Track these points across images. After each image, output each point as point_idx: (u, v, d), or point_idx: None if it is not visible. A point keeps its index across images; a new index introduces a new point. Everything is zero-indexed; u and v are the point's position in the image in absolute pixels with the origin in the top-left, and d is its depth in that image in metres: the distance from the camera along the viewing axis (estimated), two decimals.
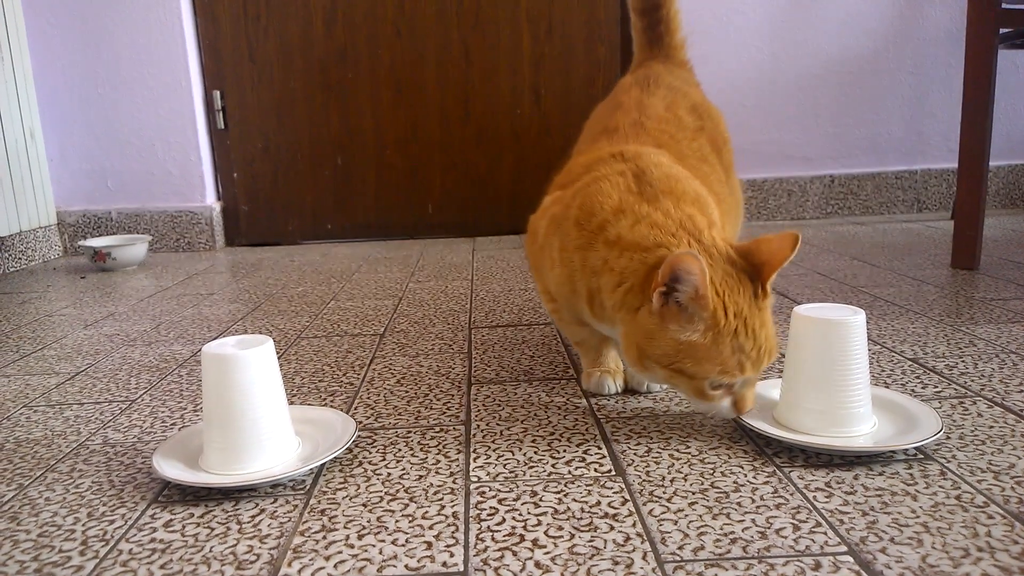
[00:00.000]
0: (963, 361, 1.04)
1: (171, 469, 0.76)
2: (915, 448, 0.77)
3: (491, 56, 2.45)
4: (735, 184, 1.11)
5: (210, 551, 0.65)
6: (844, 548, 0.60)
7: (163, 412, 0.99)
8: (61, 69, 2.33)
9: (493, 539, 0.64)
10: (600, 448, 0.82)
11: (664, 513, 0.67)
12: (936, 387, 0.95)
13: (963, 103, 1.56)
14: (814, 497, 0.69)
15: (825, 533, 0.63)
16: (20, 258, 2.23)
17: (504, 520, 0.67)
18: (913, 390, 0.94)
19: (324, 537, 0.66)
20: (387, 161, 2.50)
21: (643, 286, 0.77)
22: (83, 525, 0.70)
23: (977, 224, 1.58)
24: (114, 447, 0.88)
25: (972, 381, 0.96)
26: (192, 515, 0.71)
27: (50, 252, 2.38)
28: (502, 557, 0.62)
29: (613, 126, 0.99)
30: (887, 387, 0.95)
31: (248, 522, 0.69)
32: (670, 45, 1.23)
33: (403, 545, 0.64)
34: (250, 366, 0.76)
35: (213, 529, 0.68)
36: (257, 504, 0.72)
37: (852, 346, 0.77)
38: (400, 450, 0.83)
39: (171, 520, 0.70)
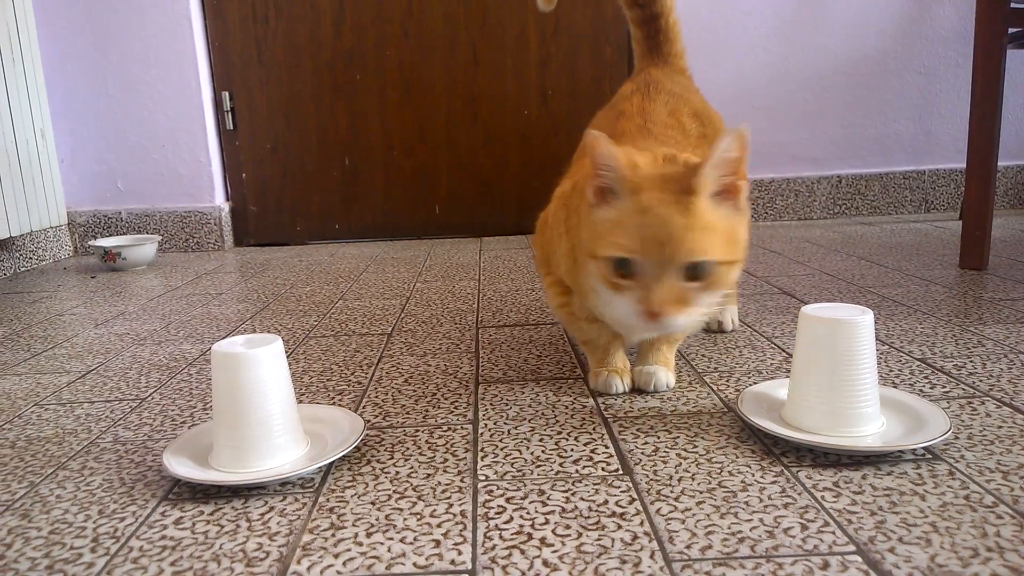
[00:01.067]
0: (971, 361, 1.04)
1: (181, 467, 0.76)
2: (923, 448, 0.77)
3: (498, 57, 2.46)
4: None
5: (220, 548, 0.65)
6: (852, 548, 0.60)
7: (173, 410, 1.00)
8: (72, 71, 2.34)
9: (501, 537, 0.65)
10: (607, 447, 0.82)
11: (672, 512, 0.67)
12: (944, 387, 0.95)
13: (972, 103, 1.56)
14: (822, 497, 0.69)
15: (833, 533, 0.63)
16: (31, 258, 2.25)
17: (512, 519, 0.68)
18: (921, 390, 0.94)
19: (333, 535, 0.66)
20: (394, 162, 2.51)
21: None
22: (94, 522, 0.71)
23: (986, 224, 1.57)
24: (124, 445, 0.89)
25: (980, 381, 0.96)
26: (202, 513, 0.71)
27: (61, 252, 2.40)
28: (510, 555, 0.62)
29: (619, 132, 0.99)
30: (895, 387, 0.95)
31: (257, 520, 0.69)
32: (670, 54, 1.24)
33: (411, 543, 0.64)
34: (259, 365, 0.76)
35: (223, 527, 0.69)
36: (266, 502, 0.73)
37: (860, 346, 0.77)
38: (408, 449, 0.84)
39: (181, 517, 0.71)
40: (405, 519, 0.68)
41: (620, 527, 0.65)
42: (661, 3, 1.22)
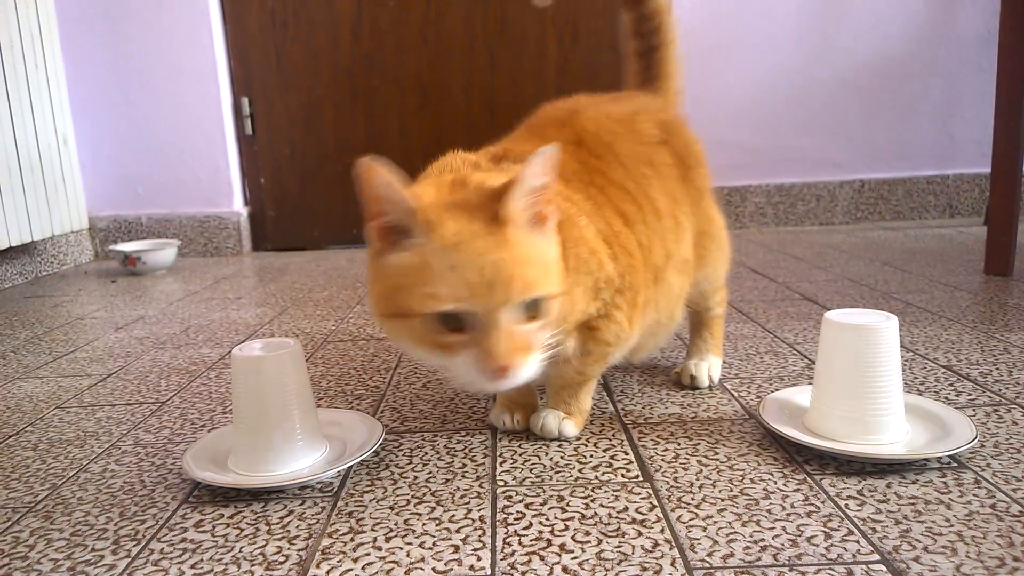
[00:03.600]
0: (997, 368, 1.02)
1: (201, 470, 0.77)
2: (949, 456, 0.75)
3: (516, 62, 2.46)
4: (709, 209, 0.99)
5: (240, 551, 0.65)
6: (877, 557, 0.59)
7: (193, 414, 1.01)
8: (93, 77, 2.37)
9: (520, 543, 0.64)
10: (627, 453, 0.81)
11: (693, 519, 0.67)
12: (970, 395, 0.93)
13: (996, 107, 1.53)
14: (846, 505, 0.68)
15: (857, 541, 0.62)
16: (52, 262, 2.27)
17: (531, 524, 0.67)
18: (946, 398, 0.92)
19: (352, 539, 0.66)
20: (413, 166, 2.50)
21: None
22: (115, 524, 0.71)
23: (1011, 230, 1.55)
24: (145, 448, 0.89)
25: (1007, 389, 0.94)
26: (222, 516, 0.72)
27: (82, 256, 2.42)
28: (529, 561, 0.61)
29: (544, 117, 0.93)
30: (920, 394, 0.93)
31: (277, 523, 0.70)
32: (665, 89, 1.10)
33: (430, 548, 0.64)
34: (279, 369, 0.76)
35: (243, 530, 0.69)
36: (286, 505, 0.73)
37: (884, 352, 0.76)
38: (426, 453, 0.83)
39: (201, 520, 0.71)
40: (424, 524, 0.68)
41: (640, 534, 0.64)
42: (663, 35, 1.05)
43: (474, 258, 0.63)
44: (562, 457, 0.81)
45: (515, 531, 0.66)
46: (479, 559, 0.62)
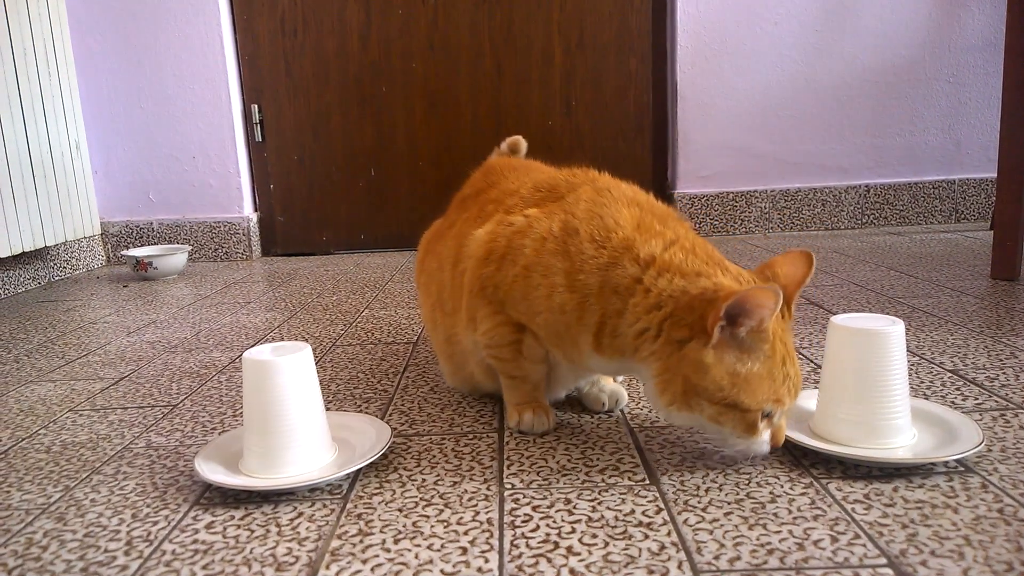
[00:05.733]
0: (1004, 373, 1.02)
1: (212, 472, 0.78)
2: (956, 460, 0.75)
3: (523, 68, 2.47)
4: None
5: (250, 553, 0.66)
6: (884, 560, 0.60)
7: (204, 417, 1.02)
8: (105, 85, 2.40)
9: (527, 545, 0.65)
10: (634, 457, 0.81)
11: (699, 523, 0.67)
12: (977, 399, 0.93)
13: (1002, 112, 1.54)
14: (852, 509, 0.68)
15: (864, 545, 0.62)
16: (65, 267, 2.29)
17: (538, 527, 0.68)
18: (953, 402, 0.93)
19: (361, 541, 0.67)
20: (420, 172, 2.53)
21: (687, 317, 0.72)
22: (128, 526, 0.72)
23: (1017, 234, 1.55)
24: (157, 450, 0.90)
25: (1014, 393, 0.94)
26: (233, 517, 0.72)
27: (94, 261, 2.44)
28: (537, 564, 0.62)
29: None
30: (927, 399, 0.93)
31: (287, 525, 0.70)
32: None
33: (438, 550, 0.65)
34: (289, 372, 0.77)
35: (253, 531, 0.70)
36: (296, 507, 0.74)
37: (891, 357, 0.76)
38: (434, 456, 0.84)
39: (212, 522, 0.72)
40: (432, 526, 0.69)
41: (647, 537, 0.65)
42: None
43: (793, 373, 0.74)
44: (569, 460, 0.81)
45: (522, 533, 0.67)
46: (487, 561, 0.63)
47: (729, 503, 0.70)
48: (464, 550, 0.64)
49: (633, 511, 0.69)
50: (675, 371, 0.73)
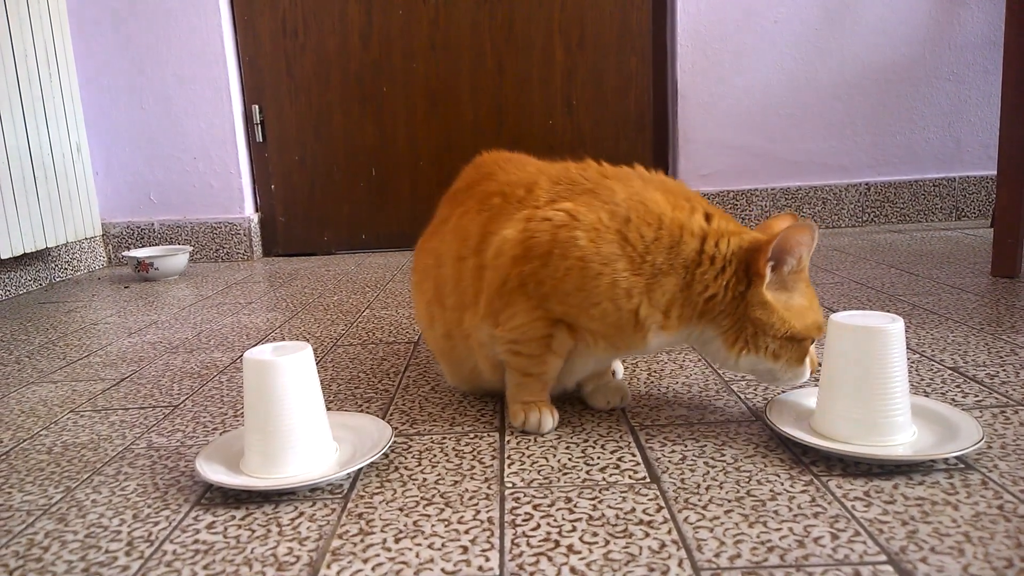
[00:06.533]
0: (1004, 370, 1.02)
1: (213, 472, 0.78)
2: (956, 457, 0.76)
3: (524, 67, 2.47)
4: None
5: (251, 552, 0.66)
6: (884, 557, 0.60)
7: (205, 417, 1.02)
8: (106, 86, 2.40)
9: (528, 544, 0.65)
10: (634, 455, 0.82)
11: (700, 520, 0.67)
12: (977, 396, 0.93)
13: (1002, 109, 1.53)
14: (853, 506, 0.68)
15: (864, 542, 0.62)
16: (66, 268, 2.30)
17: (539, 526, 0.68)
18: (953, 399, 0.93)
19: (362, 540, 0.67)
20: (421, 172, 2.53)
21: (742, 269, 0.82)
22: (128, 526, 0.72)
23: (1018, 232, 1.55)
24: (158, 451, 0.90)
25: (1014, 390, 0.94)
26: (234, 517, 0.72)
27: (95, 263, 2.45)
28: (537, 562, 0.62)
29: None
30: (927, 396, 0.93)
31: (288, 525, 0.70)
32: None
33: (439, 549, 0.65)
34: (290, 372, 0.77)
35: (254, 531, 0.70)
36: (296, 507, 0.74)
37: (891, 354, 0.76)
38: (435, 456, 0.84)
39: (213, 522, 0.72)
40: (433, 525, 0.69)
41: (648, 535, 0.65)
42: None
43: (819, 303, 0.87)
44: (570, 459, 0.81)
45: (523, 532, 0.67)
46: (488, 560, 0.63)
47: (729, 501, 0.70)
48: (465, 549, 0.65)
49: (634, 509, 0.70)
50: (743, 319, 0.82)
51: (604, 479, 0.76)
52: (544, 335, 0.87)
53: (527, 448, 0.85)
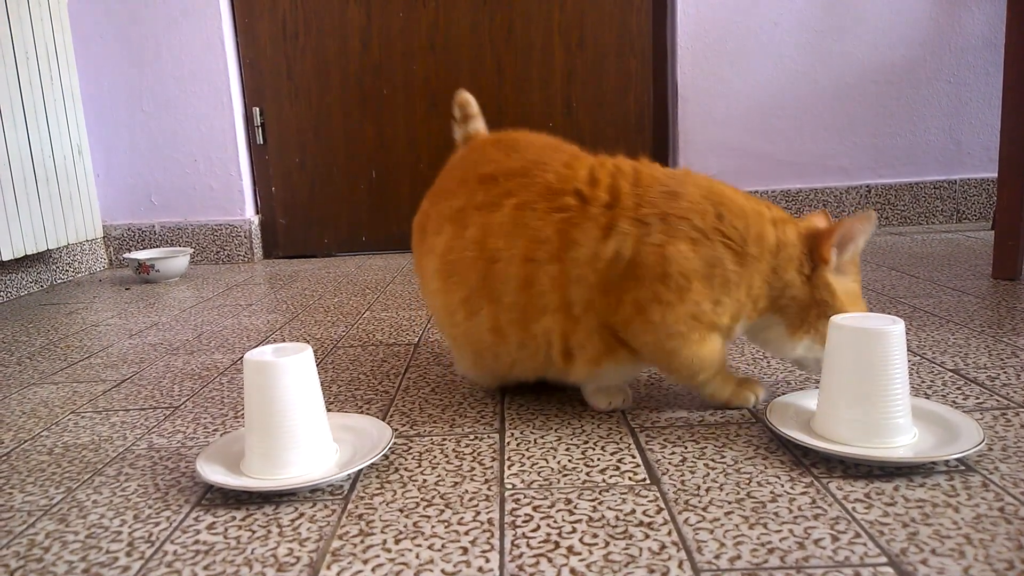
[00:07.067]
0: (1005, 372, 1.02)
1: (214, 473, 0.78)
2: (957, 460, 0.76)
3: (523, 69, 2.47)
4: None
5: (252, 553, 0.66)
6: (884, 559, 0.60)
7: (205, 418, 1.02)
8: (107, 88, 2.40)
9: (528, 545, 0.65)
10: (634, 457, 0.82)
11: (700, 522, 0.67)
12: (978, 398, 0.93)
13: (1003, 111, 1.54)
14: (853, 508, 0.68)
15: (865, 544, 0.62)
16: (67, 270, 2.30)
17: (539, 527, 0.68)
18: (954, 401, 0.93)
19: (362, 541, 0.67)
20: (421, 173, 2.53)
21: (807, 252, 0.87)
22: (129, 527, 0.72)
23: (1019, 234, 1.55)
24: (159, 452, 0.90)
25: (1015, 392, 0.94)
26: (234, 518, 0.72)
27: (96, 264, 2.45)
28: (537, 563, 0.62)
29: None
30: (928, 398, 0.93)
31: (288, 525, 0.70)
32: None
33: (439, 550, 0.65)
34: (290, 373, 0.77)
35: (254, 532, 0.70)
36: (297, 508, 0.74)
37: (891, 356, 0.76)
38: (435, 457, 0.84)
39: (214, 523, 0.72)
40: (433, 526, 0.69)
41: (648, 536, 0.65)
42: None
43: None
44: (569, 460, 0.81)
45: (523, 533, 0.67)
46: (487, 561, 0.63)
47: (730, 502, 0.70)
48: (465, 550, 0.65)
49: (634, 511, 0.70)
50: (808, 302, 0.87)
51: (604, 480, 0.76)
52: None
53: (527, 450, 0.85)
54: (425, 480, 0.78)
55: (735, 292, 0.86)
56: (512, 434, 0.90)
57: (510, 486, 0.76)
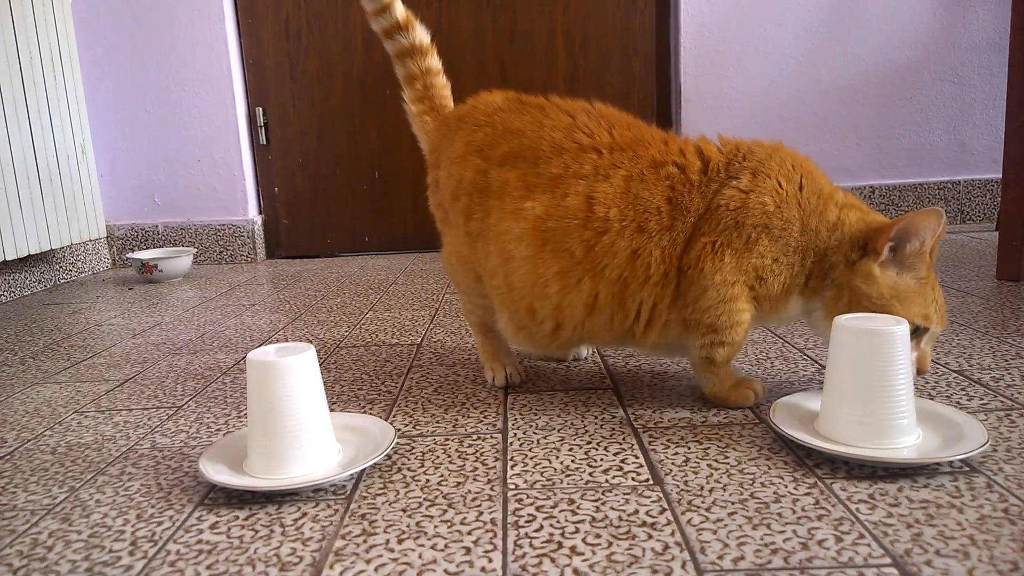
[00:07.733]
0: (1009, 373, 1.02)
1: (217, 473, 0.78)
2: (961, 460, 0.75)
3: (526, 70, 2.47)
4: None
5: (254, 553, 0.66)
6: (888, 560, 0.60)
7: (208, 418, 1.02)
8: (111, 89, 2.41)
9: (531, 545, 0.65)
10: (637, 457, 0.81)
11: (703, 522, 0.67)
12: (982, 399, 0.93)
13: (1007, 112, 1.53)
14: (857, 509, 0.68)
15: (869, 545, 0.62)
16: (71, 270, 2.30)
17: (542, 527, 0.68)
18: (958, 402, 0.92)
19: (365, 541, 0.67)
20: (424, 175, 2.53)
21: (860, 241, 0.87)
22: (132, 526, 0.72)
23: (1023, 235, 1.54)
24: (162, 451, 0.91)
25: (1019, 393, 0.94)
26: (237, 517, 0.72)
27: (99, 264, 2.45)
28: (540, 563, 0.62)
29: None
30: (932, 399, 0.93)
31: (291, 525, 0.70)
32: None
33: (442, 550, 0.65)
34: (293, 373, 0.77)
35: (257, 531, 0.70)
36: (299, 508, 0.74)
37: (895, 356, 0.76)
38: (438, 457, 0.84)
39: (217, 522, 0.72)
40: (436, 526, 0.69)
41: (651, 537, 0.65)
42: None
43: (940, 297, 0.89)
44: (572, 461, 0.81)
45: (526, 533, 0.67)
46: (490, 561, 0.63)
47: (733, 503, 0.70)
48: (468, 550, 0.64)
49: (637, 511, 0.69)
50: (845, 286, 0.87)
51: (607, 481, 0.76)
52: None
53: (530, 450, 0.85)
54: (428, 480, 0.78)
55: (792, 256, 0.89)
56: (515, 434, 0.90)
57: (513, 486, 0.76)
